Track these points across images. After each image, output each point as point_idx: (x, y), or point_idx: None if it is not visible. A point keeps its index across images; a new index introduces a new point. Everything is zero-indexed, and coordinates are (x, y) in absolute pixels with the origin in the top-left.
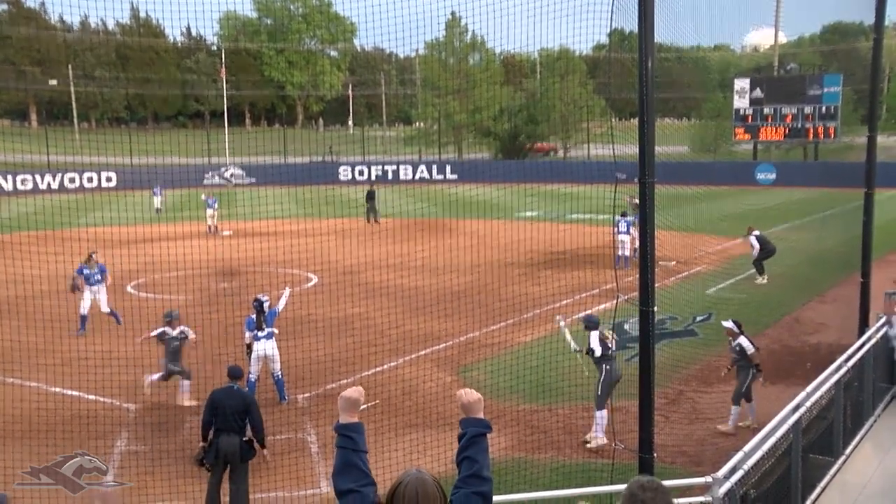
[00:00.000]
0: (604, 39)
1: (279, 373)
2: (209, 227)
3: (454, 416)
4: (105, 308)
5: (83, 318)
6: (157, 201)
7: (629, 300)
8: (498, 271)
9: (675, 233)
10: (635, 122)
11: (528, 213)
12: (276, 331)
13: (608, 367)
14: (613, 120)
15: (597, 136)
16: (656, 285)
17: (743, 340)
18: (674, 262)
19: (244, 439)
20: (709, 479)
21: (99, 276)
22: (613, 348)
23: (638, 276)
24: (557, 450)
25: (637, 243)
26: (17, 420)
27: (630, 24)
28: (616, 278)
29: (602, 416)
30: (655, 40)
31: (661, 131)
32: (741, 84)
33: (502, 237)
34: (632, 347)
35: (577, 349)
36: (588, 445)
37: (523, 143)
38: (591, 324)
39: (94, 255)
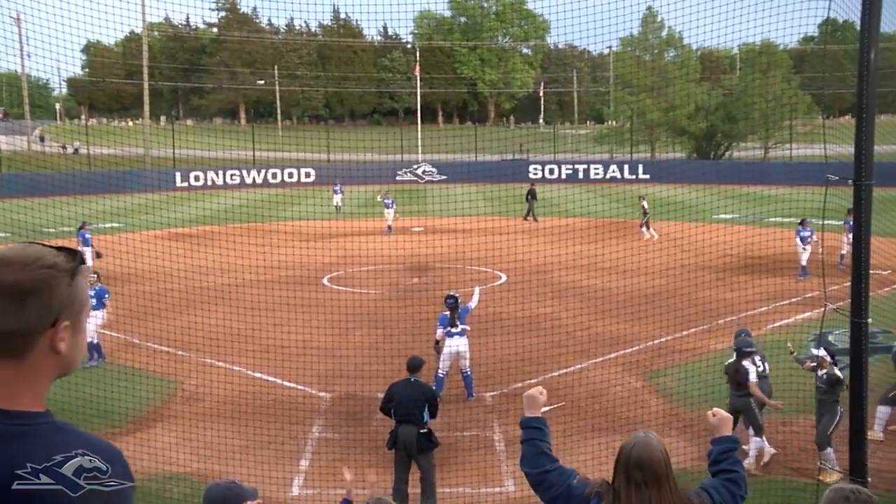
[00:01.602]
0: (813, 31)
1: (468, 370)
2: (388, 227)
3: (643, 422)
4: None
5: None
6: (336, 199)
7: (838, 310)
8: (691, 275)
9: (890, 240)
10: (846, 119)
11: (725, 216)
12: (468, 328)
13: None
14: (821, 118)
15: (800, 136)
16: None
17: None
18: (888, 271)
19: (422, 431)
20: None
21: None
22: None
23: (849, 284)
24: (753, 464)
25: (845, 249)
26: (226, 401)
27: (847, 12)
28: (824, 286)
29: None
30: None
31: (878, 129)
32: None
33: (696, 240)
34: (839, 361)
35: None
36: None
37: (720, 142)
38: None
39: None
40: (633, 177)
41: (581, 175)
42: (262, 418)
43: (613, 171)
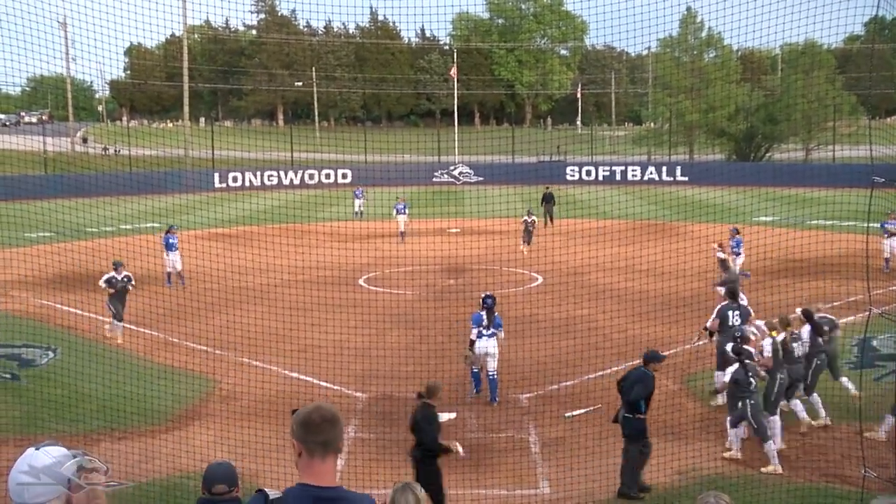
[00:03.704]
0: (858, 30)
1: (494, 372)
2: (401, 234)
3: (678, 425)
4: None
5: None
6: (357, 204)
7: (884, 314)
8: None
9: None
10: (893, 119)
11: (765, 218)
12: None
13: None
14: (867, 118)
15: (844, 137)
16: None
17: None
18: None
19: (625, 414)
20: None
21: None
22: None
23: None
24: (792, 470)
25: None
26: (262, 400)
27: None
28: (868, 290)
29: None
30: None
31: None
32: None
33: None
34: (882, 366)
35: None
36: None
37: (760, 143)
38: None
39: None
40: (671, 178)
41: (619, 177)
42: None
43: (651, 173)
